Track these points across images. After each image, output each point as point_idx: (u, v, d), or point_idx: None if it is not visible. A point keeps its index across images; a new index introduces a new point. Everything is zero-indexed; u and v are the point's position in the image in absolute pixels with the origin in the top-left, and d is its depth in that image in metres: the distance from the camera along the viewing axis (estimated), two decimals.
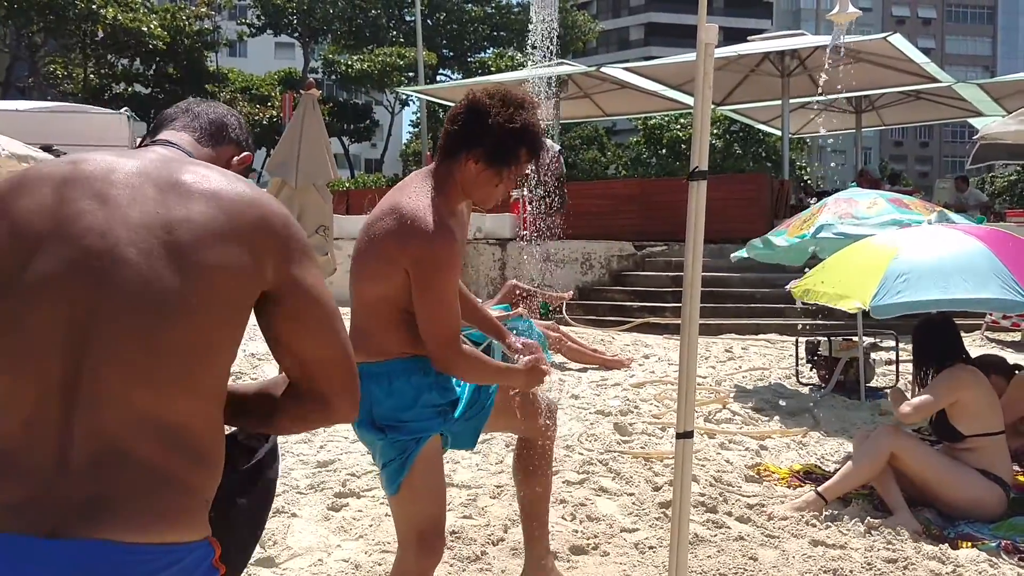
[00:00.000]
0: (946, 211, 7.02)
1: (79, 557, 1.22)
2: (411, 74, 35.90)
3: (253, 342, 8.77)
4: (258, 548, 3.73)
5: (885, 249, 4.66)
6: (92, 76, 37.32)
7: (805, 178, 21.38)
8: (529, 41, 2.69)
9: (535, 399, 2.78)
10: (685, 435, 2.71)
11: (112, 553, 1.23)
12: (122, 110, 15.35)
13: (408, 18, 40.12)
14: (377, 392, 2.35)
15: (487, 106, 2.29)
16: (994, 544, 3.80)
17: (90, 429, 1.26)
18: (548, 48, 2.67)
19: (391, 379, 2.35)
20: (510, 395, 2.67)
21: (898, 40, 12.85)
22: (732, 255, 7.95)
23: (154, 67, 40.07)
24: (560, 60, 15.65)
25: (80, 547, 1.22)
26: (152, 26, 35.46)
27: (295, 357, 1.48)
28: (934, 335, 4.39)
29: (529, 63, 2.81)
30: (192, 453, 1.33)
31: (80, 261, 1.30)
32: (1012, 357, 7.17)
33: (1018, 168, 32.24)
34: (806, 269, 6.92)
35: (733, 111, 18.87)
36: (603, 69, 15.93)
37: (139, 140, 1.64)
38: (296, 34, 41.62)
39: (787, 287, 6.08)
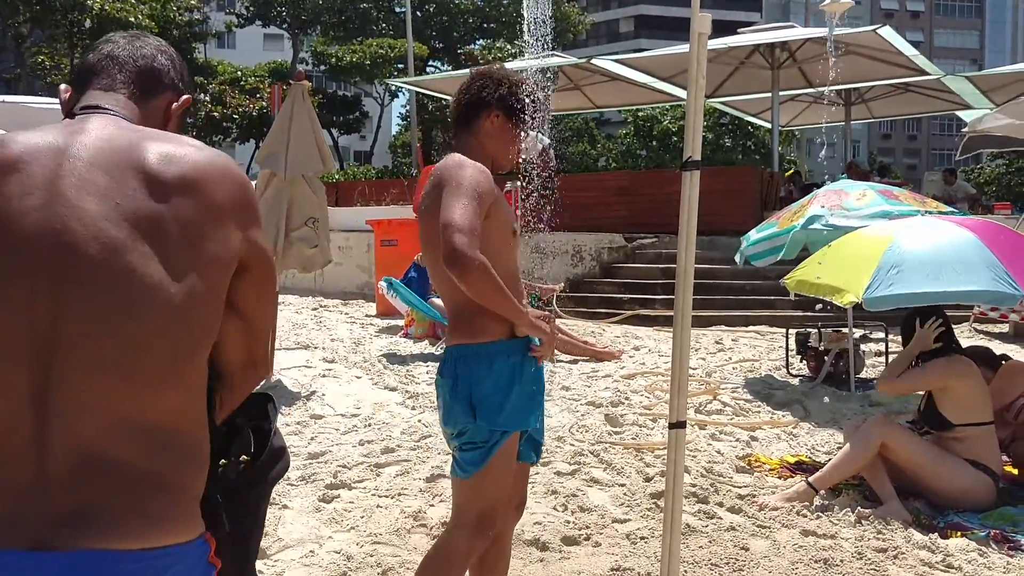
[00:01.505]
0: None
1: (70, 569, 1.16)
2: (401, 66, 35.77)
3: None
4: None
5: (879, 240, 4.67)
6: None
7: (795, 168, 21.37)
8: (524, 36, 2.72)
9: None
10: (678, 425, 2.71)
11: (106, 562, 1.18)
12: None
13: (398, 9, 39.96)
14: (478, 371, 2.43)
15: (491, 72, 2.61)
16: (983, 534, 3.83)
17: (68, 438, 1.19)
18: (543, 41, 2.70)
19: (492, 359, 2.43)
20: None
21: (888, 32, 12.85)
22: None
23: None
24: (550, 52, 15.60)
25: (70, 558, 1.16)
26: (140, 16, 35.23)
27: (247, 323, 1.42)
28: (924, 325, 4.41)
29: (524, 53, 2.83)
30: (179, 451, 1.27)
31: (34, 264, 1.21)
32: (1000, 348, 7.21)
33: (1005, 161, 32.35)
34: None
35: (723, 103, 18.86)
36: (593, 61, 15.90)
37: (64, 100, 1.51)
38: (285, 25, 41.41)
39: (781, 281, 6.09)
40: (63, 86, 1.54)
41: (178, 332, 1.25)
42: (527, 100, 2.59)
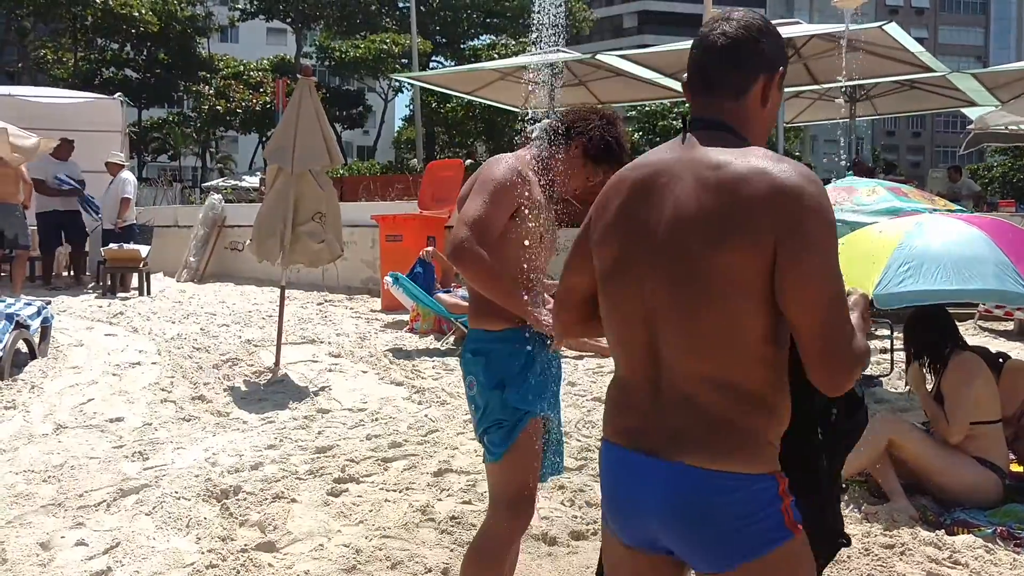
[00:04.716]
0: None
1: (669, 473, 1.62)
2: (404, 61, 35.72)
3: (249, 328, 8.76)
4: (258, 532, 3.74)
5: (889, 237, 4.65)
6: (82, 61, 37.02)
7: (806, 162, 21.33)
8: (532, 35, 2.77)
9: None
10: None
11: (692, 474, 1.60)
12: (116, 95, 15.26)
13: (401, 4, 39.91)
14: (500, 352, 2.57)
15: (613, 119, 2.74)
16: (990, 530, 3.83)
17: (668, 382, 1.64)
18: (555, 38, 2.74)
19: (510, 343, 2.56)
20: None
21: (893, 29, 12.80)
22: None
23: (145, 52, 39.76)
24: (555, 47, 15.53)
25: (670, 466, 1.62)
26: (143, 11, 35.22)
27: (792, 322, 1.58)
28: (928, 325, 4.40)
29: (531, 49, 2.87)
30: (748, 402, 1.60)
31: (639, 259, 1.66)
32: (1005, 346, 7.20)
33: (1009, 157, 32.26)
34: None
35: None
36: (598, 56, 15.87)
37: (689, 120, 1.72)
38: (288, 20, 41.37)
39: None
40: (684, 78, 1.80)
41: (718, 316, 1.58)
42: (612, 161, 2.70)
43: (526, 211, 2.55)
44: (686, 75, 1.77)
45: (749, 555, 1.59)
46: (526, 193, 2.54)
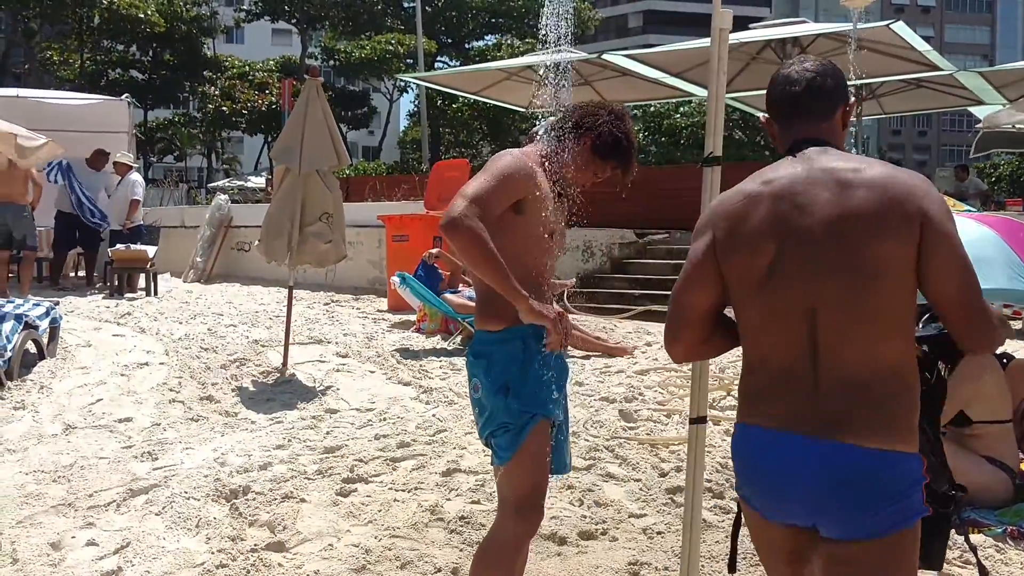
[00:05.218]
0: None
1: (830, 452, 1.80)
2: (409, 61, 35.74)
3: (256, 328, 8.77)
4: (268, 532, 3.75)
5: None
6: (88, 62, 37.15)
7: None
8: (541, 33, 2.76)
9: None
10: (698, 420, 2.72)
11: (852, 453, 1.79)
12: (123, 97, 15.29)
13: (406, 4, 39.91)
14: (500, 354, 2.55)
15: (621, 115, 2.75)
16: (1000, 530, 3.83)
17: (830, 368, 1.83)
18: (563, 37, 2.74)
19: (508, 343, 2.54)
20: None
21: (900, 28, 12.76)
22: None
23: (151, 53, 39.89)
24: (559, 47, 15.51)
25: (832, 446, 1.81)
26: (149, 12, 35.33)
27: (935, 294, 1.83)
28: (938, 323, 4.39)
29: (539, 49, 2.88)
30: (902, 384, 1.82)
31: (799, 258, 1.85)
32: (1011, 345, 7.18)
33: (1014, 157, 32.07)
34: None
35: (734, 99, 18.74)
36: (604, 56, 15.86)
37: (791, 143, 2.05)
38: (293, 20, 41.39)
39: None
40: (763, 116, 2.14)
41: (881, 302, 1.80)
42: (619, 156, 2.73)
43: (534, 205, 2.52)
44: (774, 107, 2.08)
45: (893, 527, 1.80)
46: (532, 186, 2.51)
